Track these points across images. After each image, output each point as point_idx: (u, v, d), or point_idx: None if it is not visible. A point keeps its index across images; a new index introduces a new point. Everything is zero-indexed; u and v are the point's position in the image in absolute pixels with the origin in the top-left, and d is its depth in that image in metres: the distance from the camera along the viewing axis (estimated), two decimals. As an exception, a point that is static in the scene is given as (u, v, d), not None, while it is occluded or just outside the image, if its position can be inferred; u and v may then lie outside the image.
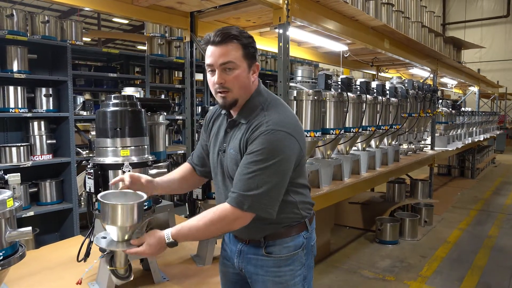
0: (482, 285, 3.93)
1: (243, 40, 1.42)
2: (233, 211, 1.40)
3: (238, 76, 1.43)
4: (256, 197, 1.37)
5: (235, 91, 1.44)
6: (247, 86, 1.48)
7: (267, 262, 1.56)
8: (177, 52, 5.80)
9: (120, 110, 2.14)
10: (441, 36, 6.04)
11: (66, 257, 2.59)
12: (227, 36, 1.40)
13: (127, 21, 19.35)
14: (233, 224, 1.42)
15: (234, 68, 1.41)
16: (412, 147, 5.86)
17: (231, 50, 1.40)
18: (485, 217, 6.43)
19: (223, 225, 1.43)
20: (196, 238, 1.48)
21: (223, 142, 1.57)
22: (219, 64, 1.41)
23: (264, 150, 1.37)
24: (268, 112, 1.46)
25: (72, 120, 4.36)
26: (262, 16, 3.54)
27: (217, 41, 1.40)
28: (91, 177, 2.07)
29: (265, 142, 1.37)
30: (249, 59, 1.45)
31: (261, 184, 1.36)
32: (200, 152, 1.79)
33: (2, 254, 1.48)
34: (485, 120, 10.19)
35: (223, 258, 1.77)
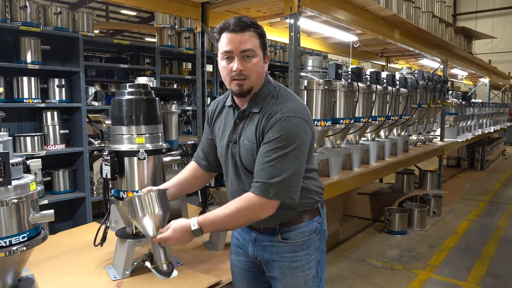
0: (491, 275, 3.94)
1: (260, 30, 1.46)
2: (259, 200, 1.40)
3: (256, 64, 1.45)
4: (280, 184, 1.39)
5: (252, 79, 1.46)
6: (262, 75, 1.50)
7: (283, 248, 1.58)
8: (186, 43, 5.83)
9: (135, 99, 2.19)
10: (451, 27, 5.98)
11: (82, 242, 2.67)
12: (247, 25, 1.42)
13: (135, 13, 19.36)
14: (261, 213, 1.43)
15: (253, 56, 1.44)
16: (422, 138, 5.85)
17: (251, 38, 1.43)
18: (495, 208, 6.41)
19: (249, 214, 1.42)
20: (222, 227, 1.46)
21: (233, 133, 1.56)
22: (240, 51, 1.42)
23: (282, 137, 1.39)
24: (279, 100, 1.48)
25: (84, 110, 4.43)
26: (272, 6, 3.55)
27: (237, 29, 1.41)
28: (108, 164, 2.13)
29: (282, 128, 1.40)
30: (264, 49, 1.49)
31: (283, 170, 1.38)
32: (205, 147, 1.78)
33: (27, 235, 1.54)
34: (496, 111, 10.09)
35: (236, 247, 1.79)
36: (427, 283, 3.78)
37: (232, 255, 1.83)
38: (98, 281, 2.11)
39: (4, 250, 1.46)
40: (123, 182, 2.20)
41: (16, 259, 1.53)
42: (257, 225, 1.62)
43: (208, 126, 1.76)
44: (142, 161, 2.17)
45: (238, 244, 1.77)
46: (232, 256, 1.83)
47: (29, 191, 1.55)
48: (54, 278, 2.12)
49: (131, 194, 2.18)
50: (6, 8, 4.18)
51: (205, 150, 1.78)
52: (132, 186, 2.19)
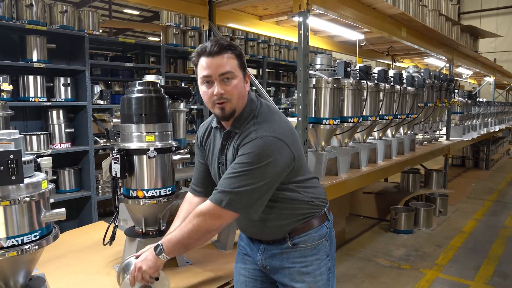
0: (499, 274, 3.92)
1: (237, 51, 1.44)
2: (210, 208, 1.40)
3: (237, 85, 1.43)
4: (235, 195, 1.37)
5: (233, 101, 1.44)
6: (244, 96, 1.48)
7: (293, 254, 1.56)
8: (191, 42, 5.81)
9: (145, 96, 2.18)
10: (458, 25, 5.95)
11: (90, 241, 2.67)
12: (223, 47, 1.40)
13: (138, 12, 19.39)
14: (213, 222, 1.41)
15: (232, 77, 1.41)
16: (427, 137, 5.82)
17: (229, 60, 1.40)
18: (501, 208, 6.38)
19: (202, 223, 1.41)
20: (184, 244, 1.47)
21: (221, 154, 1.55)
22: (219, 75, 1.40)
23: (251, 154, 1.36)
24: (258, 120, 1.46)
25: (90, 109, 4.42)
26: (280, 4, 3.52)
27: (214, 52, 1.39)
28: (118, 162, 2.11)
29: (253, 146, 1.37)
30: (243, 69, 1.46)
31: (242, 184, 1.36)
32: (199, 172, 1.76)
33: (38, 234, 1.53)
34: (501, 110, 10.04)
35: (243, 255, 1.75)
36: (435, 282, 3.76)
37: (238, 263, 1.78)
38: (107, 280, 2.10)
39: (16, 249, 1.45)
40: (132, 180, 2.18)
41: (28, 258, 1.52)
42: (266, 237, 1.60)
43: (199, 150, 1.74)
44: (152, 159, 2.16)
45: (246, 253, 1.73)
46: (238, 264, 1.78)
47: (41, 189, 1.53)
48: (63, 277, 2.11)
49: (140, 193, 2.17)
50: (12, 7, 4.17)
51: (200, 176, 1.75)
52: (141, 184, 2.17)
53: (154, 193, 2.18)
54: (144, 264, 1.49)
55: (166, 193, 2.22)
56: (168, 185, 2.24)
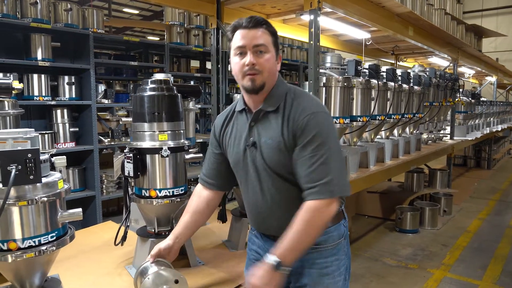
0: (507, 274, 3.90)
1: (272, 28, 1.47)
2: (323, 203, 1.36)
3: (269, 60, 1.43)
4: (337, 180, 1.36)
5: (264, 74, 1.43)
6: (274, 72, 1.48)
7: (313, 255, 1.52)
8: (195, 41, 5.78)
9: (157, 95, 2.15)
10: (463, 24, 5.93)
11: (99, 241, 2.63)
12: (259, 22, 1.43)
13: (137, 11, 19.34)
14: (328, 215, 1.38)
15: (265, 51, 1.43)
16: (432, 136, 5.80)
17: (263, 34, 1.43)
18: (504, 207, 6.37)
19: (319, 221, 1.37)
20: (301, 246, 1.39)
21: (249, 136, 1.51)
22: (253, 46, 1.41)
23: (318, 134, 1.38)
24: (299, 98, 1.47)
25: (94, 108, 4.39)
26: (288, 2, 3.50)
27: (250, 26, 1.42)
28: (130, 161, 2.08)
29: (315, 126, 1.38)
30: (276, 47, 1.48)
31: (333, 166, 1.37)
32: (212, 163, 1.71)
33: (55, 235, 1.50)
34: (503, 110, 10.04)
35: (255, 261, 1.68)
36: (443, 282, 3.74)
37: (249, 270, 1.68)
38: (119, 281, 2.07)
39: (34, 250, 1.42)
40: (145, 180, 2.15)
41: (44, 260, 1.49)
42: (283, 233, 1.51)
43: (215, 140, 1.70)
44: (165, 158, 2.13)
45: (258, 259, 1.65)
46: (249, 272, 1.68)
47: (57, 189, 1.50)
48: (74, 278, 2.08)
49: (153, 192, 2.14)
50: (17, 5, 4.13)
51: (213, 167, 1.71)
52: (154, 184, 2.14)
53: (167, 193, 2.15)
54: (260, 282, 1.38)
55: (179, 193, 2.19)
56: (180, 184, 2.21)
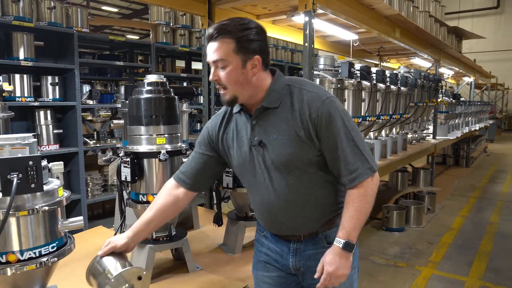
0: (491, 270, 4.02)
1: (237, 33, 1.34)
2: (367, 182, 1.40)
3: (230, 73, 1.37)
4: (369, 157, 1.42)
5: (231, 88, 1.40)
6: (243, 83, 1.39)
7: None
8: (181, 41, 5.70)
9: (155, 97, 2.10)
10: (445, 26, 6.08)
11: (91, 248, 2.55)
12: (219, 32, 1.35)
13: (116, 10, 18.96)
14: (375, 188, 1.43)
15: (225, 65, 1.36)
16: (416, 136, 5.92)
17: (222, 46, 1.35)
18: (485, 204, 6.56)
19: (370, 196, 1.42)
20: (361, 223, 1.43)
21: (253, 136, 1.46)
22: (212, 62, 1.39)
23: (338, 119, 1.39)
24: (305, 88, 1.44)
25: (79, 109, 4.27)
26: (279, 3, 3.49)
27: (212, 37, 1.37)
28: (128, 166, 2.03)
29: (332, 112, 1.39)
30: (243, 53, 1.36)
31: (360, 145, 1.41)
32: (196, 163, 1.63)
33: (56, 245, 1.44)
34: (480, 110, 10.36)
35: (265, 263, 1.66)
36: (431, 279, 3.82)
37: (258, 271, 1.70)
38: (117, 289, 2.00)
39: (34, 261, 1.36)
40: (142, 184, 2.11)
41: (45, 271, 1.43)
42: (296, 231, 1.53)
43: (208, 142, 1.62)
44: (163, 162, 2.08)
45: (269, 261, 1.65)
46: (258, 272, 1.70)
47: (57, 197, 1.44)
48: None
49: (151, 197, 2.09)
50: (-2, 2, 3.98)
51: (196, 167, 1.62)
52: (151, 189, 2.10)
53: (165, 198, 2.10)
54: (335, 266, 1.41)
55: (177, 198, 2.15)
56: (178, 189, 2.16)
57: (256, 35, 1.38)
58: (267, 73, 1.46)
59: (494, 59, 18.41)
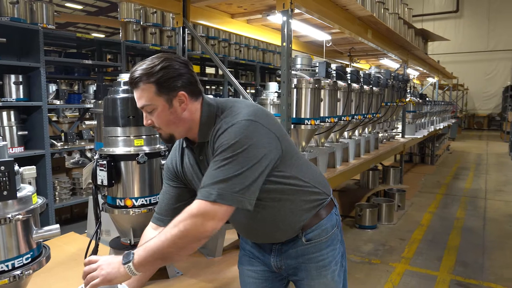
0: (460, 263, 4.17)
1: (155, 76, 1.31)
2: (200, 206, 1.23)
3: (159, 115, 1.36)
4: (225, 185, 1.23)
5: (164, 128, 1.40)
6: (175, 121, 1.37)
7: (308, 249, 1.53)
8: (152, 39, 5.55)
9: (132, 97, 1.99)
10: (412, 28, 6.27)
11: (63, 256, 2.42)
12: (134, 81, 1.34)
13: (81, 7, 18.30)
14: (204, 223, 1.22)
15: (152, 109, 1.36)
16: (386, 135, 6.07)
17: (144, 92, 1.34)
18: (450, 200, 6.82)
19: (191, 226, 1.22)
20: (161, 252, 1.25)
21: (201, 170, 1.45)
22: (140, 107, 1.41)
23: (229, 143, 1.26)
24: (222, 115, 1.37)
25: (45, 109, 4.07)
26: (255, 3, 3.46)
27: (132, 88, 1.38)
28: (104, 169, 1.93)
29: (228, 135, 1.27)
30: (166, 93, 1.33)
31: (230, 172, 1.23)
32: (171, 198, 1.60)
33: (30, 256, 1.34)
34: (444, 109, 10.78)
35: (250, 258, 1.68)
36: (405, 275, 3.91)
37: (243, 265, 1.71)
38: (93, 299, 1.91)
39: (7, 275, 1.26)
40: (118, 188, 2.01)
41: (18, 285, 1.33)
42: (278, 239, 1.54)
43: (172, 175, 1.60)
44: (141, 165, 2.00)
45: (253, 256, 1.67)
46: (244, 266, 1.71)
47: (31, 204, 1.35)
48: (43, 299, 1.89)
49: (129, 202, 2.00)
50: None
51: (170, 202, 1.59)
52: (129, 193, 2.01)
53: (144, 201, 2.02)
54: (107, 267, 1.27)
55: (156, 201, 2.07)
56: (157, 192, 2.09)
57: (176, 71, 1.33)
58: (198, 102, 1.40)
59: (454, 61, 19.25)
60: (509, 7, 18.88)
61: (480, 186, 7.94)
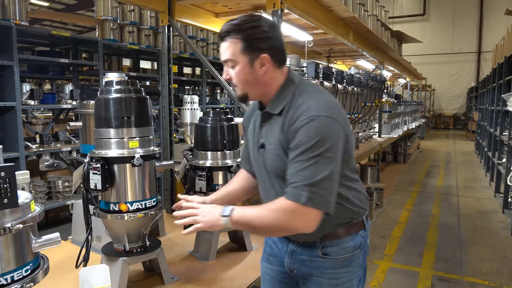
0: (440, 259, 4.29)
1: (244, 33, 1.33)
2: (291, 206, 1.26)
3: (239, 72, 1.38)
4: (313, 187, 1.24)
5: (240, 87, 1.42)
6: (252, 82, 1.39)
7: (323, 264, 1.47)
8: (130, 38, 5.40)
9: (125, 97, 1.94)
10: (389, 30, 6.42)
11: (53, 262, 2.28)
12: (226, 32, 1.36)
13: (47, 4, 17.57)
14: (294, 221, 1.27)
15: (234, 65, 1.39)
16: (365, 135, 6.18)
17: (230, 46, 1.37)
18: (425, 198, 7.03)
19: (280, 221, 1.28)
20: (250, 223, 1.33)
21: (259, 137, 1.48)
22: (223, 61, 1.42)
23: (310, 139, 1.26)
24: (301, 99, 1.35)
25: (19, 110, 3.87)
26: (241, 2, 3.43)
27: (221, 37, 1.39)
28: (98, 173, 1.85)
29: (309, 130, 1.27)
30: (250, 53, 1.35)
31: (316, 173, 1.24)
32: (246, 152, 1.69)
33: (30, 267, 1.25)
34: (415, 109, 11.13)
35: (269, 255, 1.67)
36: (389, 272, 3.98)
37: (263, 261, 1.71)
38: (86, 309, 1.82)
39: (6, 289, 1.17)
40: (112, 192, 1.93)
41: (18, 298, 1.24)
42: (295, 237, 1.50)
43: (244, 131, 1.69)
44: (136, 168, 1.93)
45: (272, 253, 1.65)
46: (263, 263, 1.71)
47: (30, 212, 1.26)
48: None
49: (124, 206, 1.92)
50: None
51: (247, 157, 1.69)
52: (124, 197, 1.93)
53: (139, 206, 1.96)
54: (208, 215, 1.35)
55: (152, 205, 2.01)
56: (153, 195, 2.03)
57: (264, 33, 1.34)
58: (281, 71, 1.42)
59: (421, 62, 19.87)
60: (472, 12, 19.75)
61: (451, 183, 8.23)
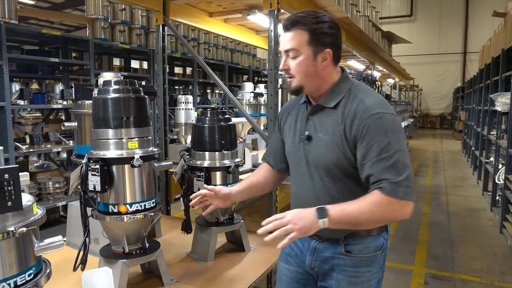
0: (432, 257, 4.36)
1: (311, 25, 1.40)
2: (389, 200, 1.30)
3: (300, 63, 1.42)
4: (407, 182, 1.32)
5: (298, 78, 1.45)
6: (312, 74, 1.44)
7: (345, 261, 1.50)
8: (121, 37, 5.34)
9: (124, 97, 1.91)
10: (379, 31, 6.47)
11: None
12: (293, 22, 1.41)
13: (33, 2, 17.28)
14: (395, 214, 1.34)
15: (296, 55, 1.42)
16: (356, 135, 6.22)
17: (295, 37, 1.41)
18: (415, 196, 7.11)
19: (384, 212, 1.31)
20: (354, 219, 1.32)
21: (305, 129, 1.52)
22: (284, 51, 1.45)
23: (386, 136, 1.33)
24: (361, 96, 1.41)
25: (9, 110, 3.79)
26: (235, 2, 3.41)
27: (285, 28, 1.43)
28: (97, 174, 1.82)
29: (382, 126, 1.34)
30: (315, 45, 1.41)
31: (404, 168, 1.32)
32: (274, 147, 1.75)
33: (33, 272, 1.23)
34: (404, 109, 11.24)
35: (287, 255, 1.69)
36: (382, 271, 4.02)
37: (281, 262, 1.73)
38: (85, 313, 1.79)
39: (10, 294, 1.14)
40: (111, 194, 1.90)
41: (21, 304, 1.21)
42: (319, 233, 1.50)
43: (277, 127, 1.74)
44: (135, 169, 1.90)
45: (290, 254, 1.66)
46: (281, 263, 1.73)
47: (32, 215, 1.23)
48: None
49: (123, 208, 1.90)
50: None
51: (274, 151, 1.75)
52: (123, 198, 1.91)
53: (138, 207, 1.93)
54: (300, 222, 1.29)
55: (151, 206, 1.99)
56: (152, 196, 2.00)
57: (329, 29, 1.40)
58: (336, 68, 1.48)
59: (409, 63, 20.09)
60: (458, 13, 20.07)
61: (440, 182, 8.36)
